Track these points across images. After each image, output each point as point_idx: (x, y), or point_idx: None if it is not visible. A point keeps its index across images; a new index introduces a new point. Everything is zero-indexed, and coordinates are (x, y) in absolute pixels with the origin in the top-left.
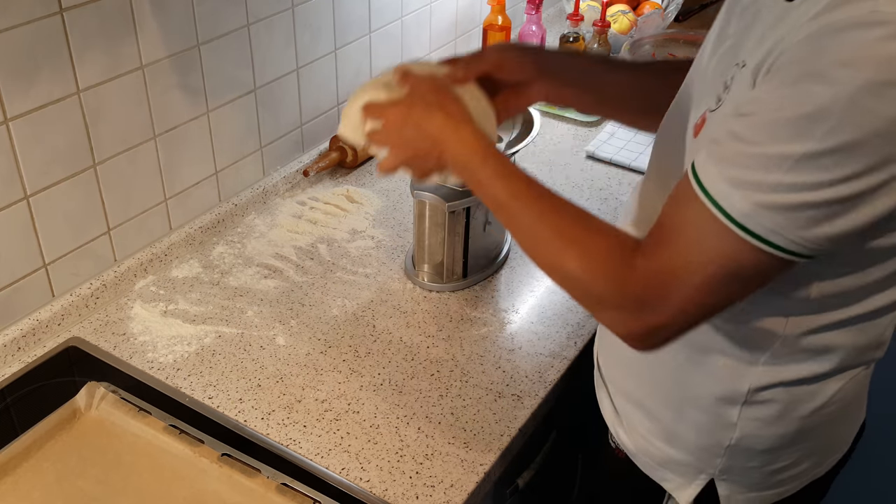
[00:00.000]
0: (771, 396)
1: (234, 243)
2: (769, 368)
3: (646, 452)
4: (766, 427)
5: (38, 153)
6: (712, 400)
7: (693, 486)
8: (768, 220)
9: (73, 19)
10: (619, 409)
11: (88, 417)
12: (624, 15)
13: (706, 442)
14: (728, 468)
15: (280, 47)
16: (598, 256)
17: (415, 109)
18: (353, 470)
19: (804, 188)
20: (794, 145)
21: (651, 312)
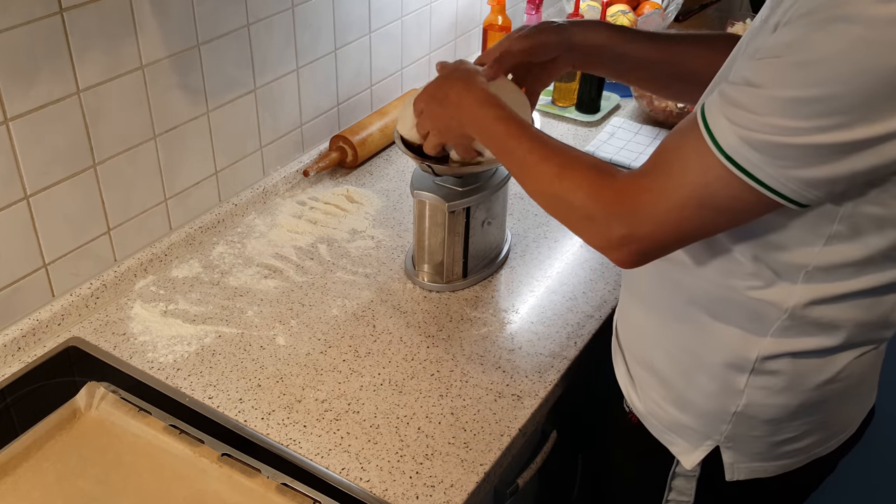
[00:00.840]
0: (778, 367)
1: (234, 243)
2: (777, 339)
3: (656, 416)
4: (771, 396)
5: (38, 153)
6: (721, 367)
7: (698, 452)
8: (754, 156)
9: (73, 19)
10: (634, 374)
11: (88, 417)
12: (624, 15)
13: (713, 408)
14: (733, 435)
15: (280, 47)
16: (579, 173)
17: (439, 85)
18: (353, 470)
19: (790, 132)
20: (787, 90)
21: (625, 221)
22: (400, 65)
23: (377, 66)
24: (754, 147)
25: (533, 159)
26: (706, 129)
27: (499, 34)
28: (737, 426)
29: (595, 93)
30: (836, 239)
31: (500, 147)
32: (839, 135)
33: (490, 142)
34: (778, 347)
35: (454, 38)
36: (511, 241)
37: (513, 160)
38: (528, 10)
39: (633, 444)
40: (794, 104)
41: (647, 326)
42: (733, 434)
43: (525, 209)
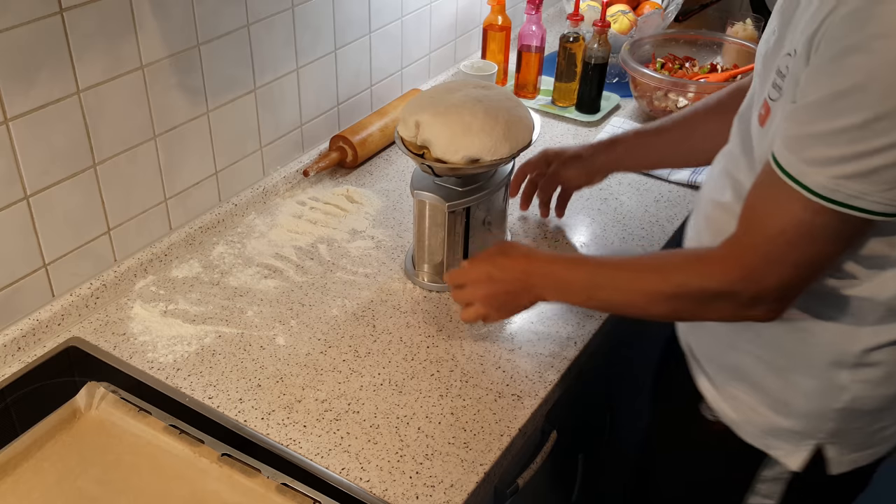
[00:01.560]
0: (879, 358)
1: (234, 243)
2: (878, 329)
3: (752, 422)
4: (875, 388)
5: (38, 153)
6: (823, 365)
7: (802, 451)
8: (850, 189)
9: (73, 19)
10: (717, 382)
11: (88, 417)
12: (624, 15)
13: (816, 407)
14: (837, 431)
15: (280, 47)
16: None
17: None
18: (353, 470)
19: (871, 154)
20: (850, 117)
21: (748, 286)
22: (400, 65)
23: (377, 66)
24: (850, 180)
25: (635, 286)
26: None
27: (499, 34)
28: (841, 422)
29: (595, 93)
30: None
31: (591, 285)
32: None
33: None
34: (876, 339)
35: (454, 38)
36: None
37: (612, 292)
38: (528, 10)
39: (716, 448)
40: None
41: (731, 334)
42: (837, 430)
43: None
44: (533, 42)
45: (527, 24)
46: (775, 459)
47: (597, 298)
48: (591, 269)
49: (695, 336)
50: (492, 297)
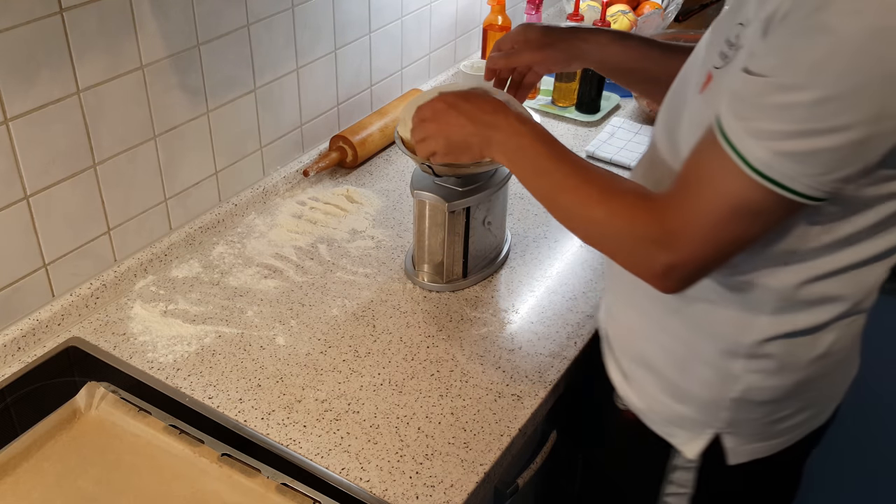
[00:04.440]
0: (772, 349)
1: (234, 243)
2: (771, 320)
3: (654, 410)
4: (768, 379)
5: (38, 153)
6: (716, 354)
7: (700, 440)
8: (788, 168)
9: (73, 19)
10: (627, 371)
11: (88, 417)
12: (624, 15)
13: (712, 396)
14: (733, 421)
15: (280, 47)
16: (619, 201)
17: (465, 97)
18: (353, 470)
19: (816, 134)
20: (804, 93)
21: (668, 248)
22: (400, 65)
23: (377, 66)
24: (788, 158)
25: (572, 182)
26: (731, 147)
27: (499, 34)
28: (736, 412)
29: (595, 93)
30: (829, 219)
31: (534, 168)
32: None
33: (523, 164)
34: (771, 330)
35: (454, 38)
36: (511, 241)
37: (547, 182)
38: (528, 10)
39: (629, 440)
40: (817, 106)
41: (638, 323)
42: (733, 419)
43: (525, 209)
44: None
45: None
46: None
47: (537, 185)
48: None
49: (613, 325)
50: (448, 133)
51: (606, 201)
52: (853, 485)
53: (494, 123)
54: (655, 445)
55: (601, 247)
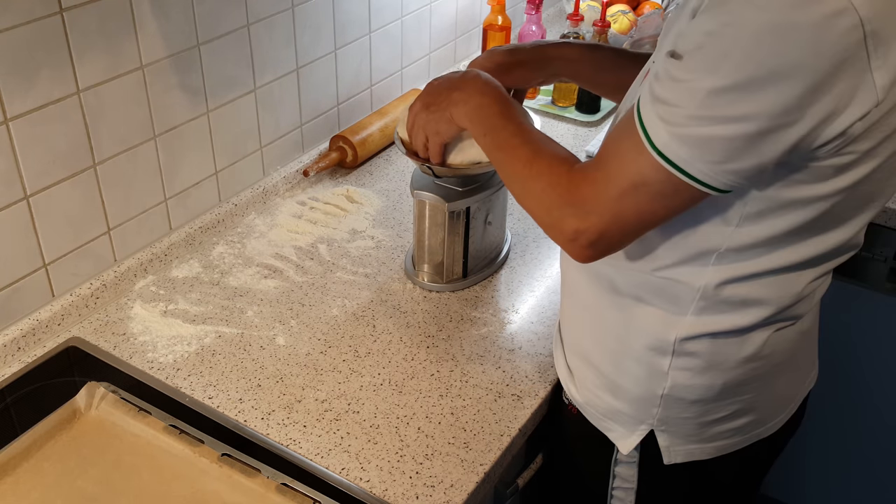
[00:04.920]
0: (697, 348)
1: (234, 243)
2: (694, 319)
3: (592, 405)
4: (695, 377)
5: (38, 153)
6: (645, 350)
7: (634, 436)
8: (683, 151)
9: (73, 19)
10: (571, 366)
11: (88, 417)
12: (624, 15)
13: (643, 392)
14: (664, 418)
15: (280, 47)
16: (545, 164)
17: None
18: (353, 470)
19: (711, 122)
20: (704, 80)
21: (576, 216)
22: (400, 65)
23: (377, 66)
24: (685, 143)
25: (514, 142)
26: (641, 126)
27: (499, 34)
28: (666, 409)
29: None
30: (746, 220)
31: (486, 125)
32: (762, 122)
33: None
34: (695, 328)
35: (454, 38)
36: (511, 241)
37: (496, 139)
38: (528, 10)
39: (575, 435)
40: (715, 95)
41: (579, 318)
42: (664, 417)
43: None
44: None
45: (527, 24)
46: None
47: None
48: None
49: (565, 323)
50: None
51: (533, 162)
52: (854, 484)
53: (459, 86)
54: (599, 439)
55: (524, 205)
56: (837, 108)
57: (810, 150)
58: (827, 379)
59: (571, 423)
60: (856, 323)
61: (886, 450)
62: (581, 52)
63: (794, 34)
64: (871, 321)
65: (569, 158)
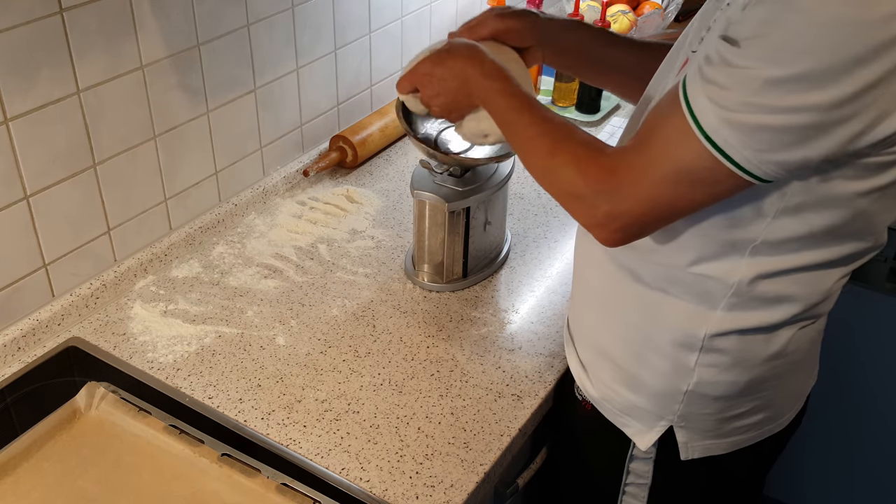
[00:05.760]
0: (726, 344)
1: (234, 243)
2: (725, 315)
3: (609, 400)
4: (721, 374)
5: (38, 153)
6: (671, 346)
7: (653, 432)
8: (731, 137)
9: (73, 19)
10: (585, 360)
11: (88, 417)
12: (624, 15)
13: (665, 387)
14: (686, 414)
15: (280, 47)
16: (570, 149)
17: (446, 55)
18: (353, 470)
19: (764, 110)
20: (762, 69)
21: (608, 199)
22: (400, 65)
23: (377, 66)
24: (734, 128)
25: (530, 133)
26: (688, 107)
27: None
28: (688, 405)
29: (595, 93)
30: (783, 213)
31: (502, 120)
32: (816, 115)
33: (494, 115)
34: (725, 324)
35: None
36: (511, 241)
37: (514, 134)
38: None
39: (588, 431)
40: (772, 84)
41: (596, 312)
42: (686, 413)
43: (525, 209)
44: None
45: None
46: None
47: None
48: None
49: (575, 316)
50: (439, 96)
51: (557, 152)
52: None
53: (466, 77)
54: (614, 435)
55: (554, 194)
56: (890, 107)
57: (858, 147)
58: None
59: (584, 419)
60: (856, 323)
61: (886, 449)
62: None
63: (856, 31)
64: (871, 321)
65: (596, 143)
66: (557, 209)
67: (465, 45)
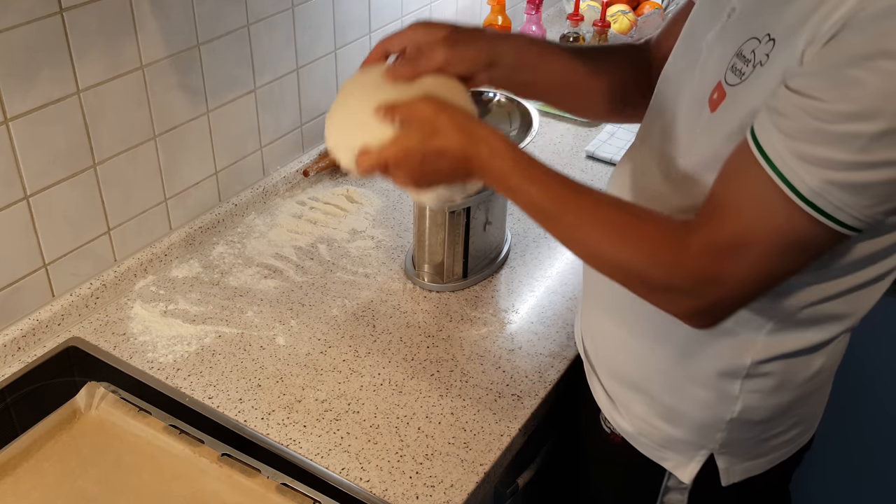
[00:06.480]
0: (771, 368)
1: (234, 243)
2: (770, 340)
3: (645, 434)
4: (765, 398)
5: (38, 153)
6: (715, 375)
7: (694, 463)
8: (837, 198)
9: (73, 19)
10: (613, 393)
11: (88, 417)
12: (624, 15)
13: (708, 418)
14: (727, 441)
15: (280, 47)
16: (649, 241)
17: (429, 140)
18: (353, 470)
19: (875, 166)
20: (866, 124)
21: (711, 288)
22: None
23: None
24: (843, 190)
25: (588, 228)
26: (778, 174)
27: None
28: (731, 432)
29: None
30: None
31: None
32: None
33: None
34: (770, 350)
35: None
36: (511, 241)
37: (552, 225)
38: (528, 10)
39: (617, 463)
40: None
41: (625, 344)
42: (728, 440)
43: None
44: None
45: (527, 24)
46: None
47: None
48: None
49: (595, 344)
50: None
51: (628, 241)
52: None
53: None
54: (646, 468)
55: (631, 287)
56: None
57: None
58: None
59: (612, 451)
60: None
61: (889, 448)
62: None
63: None
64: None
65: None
66: None
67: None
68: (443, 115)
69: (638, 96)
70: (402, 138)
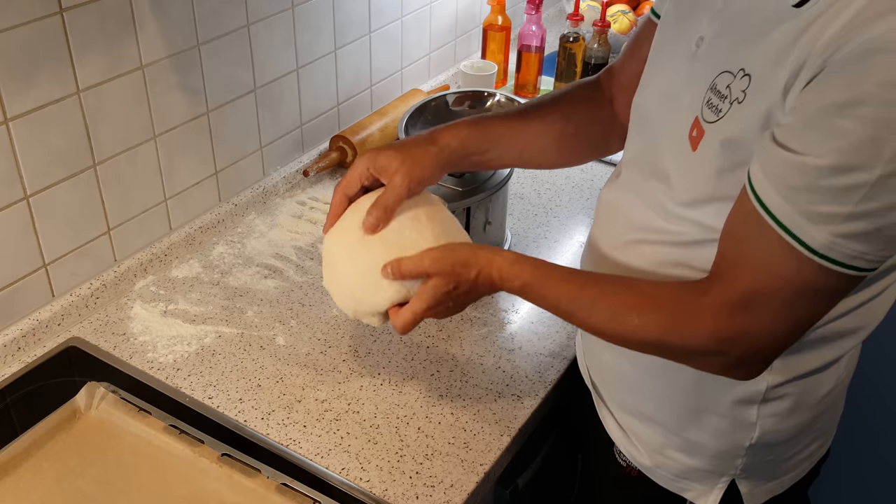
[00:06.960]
0: (787, 391)
1: (234, 243)
2: (785, 363)
3: (663, 466)
4: (783, 421)
5: (38, 153)
6: (730, 404)
7: (716, 491)
8: (849, 248)
9: (73, 19)
10: (625, 425)
11: (88, 417)
12: (624, 15)
13: (726, 445)
14: (748, 466)
15: (280, 47)
16: (663, 314)
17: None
18: (353, 470)
19: (880, 213)
20: (860, 174)
21: (734, 345)
22: (400, 65)
23: (377, 67)
24: (856, 240)
25: (602, 316)
26: (787, 232)
27: (499, 34)
28: (751, 457)
29: None
30: None
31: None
32: None
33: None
34: (785, 373)
35: (454, 38)
36: (511, 241)
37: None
38: (528, 10)
39: (636, 496)
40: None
41: (634, 375)
42: (748, 465)
43: (525, 209)
44: (533, 42)
45: (527, 24)
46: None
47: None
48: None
49: (599, 375)
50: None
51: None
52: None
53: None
54: (667, 500)
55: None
56: None
57: None
58: None
59: (629, 483)
60: None
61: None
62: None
63: None
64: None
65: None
66: (557, 209)
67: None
68: (447, 261)
69: (599, 133)
70: (428, 290)
